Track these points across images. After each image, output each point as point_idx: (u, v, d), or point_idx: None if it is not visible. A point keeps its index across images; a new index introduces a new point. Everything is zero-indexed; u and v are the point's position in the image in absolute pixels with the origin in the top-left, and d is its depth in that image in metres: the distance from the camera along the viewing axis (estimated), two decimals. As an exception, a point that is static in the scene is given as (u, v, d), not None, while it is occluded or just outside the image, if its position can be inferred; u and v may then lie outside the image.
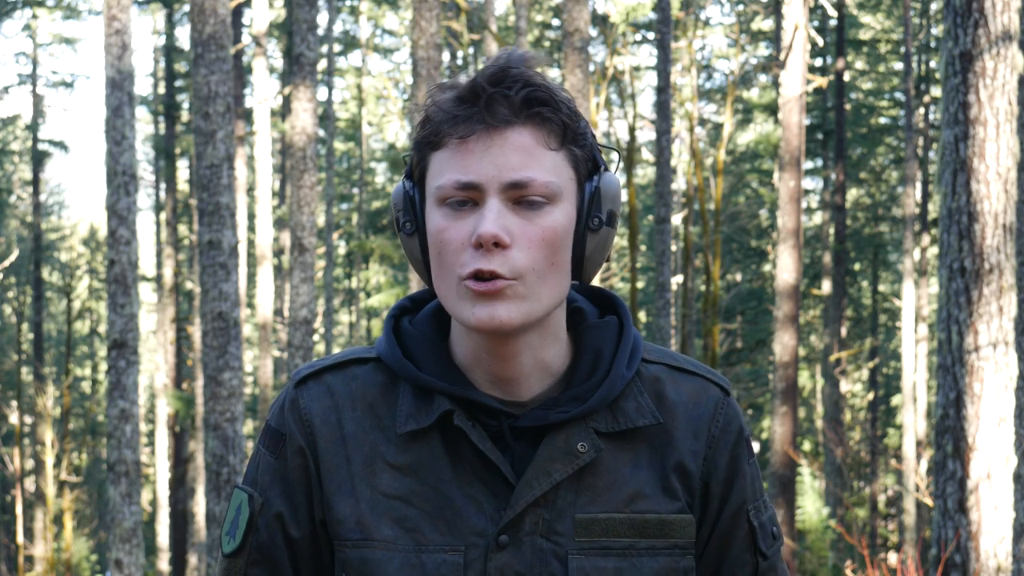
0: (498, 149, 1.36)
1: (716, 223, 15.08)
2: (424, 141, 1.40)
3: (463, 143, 1.36)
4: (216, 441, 8.70)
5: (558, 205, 1.37)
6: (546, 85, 1.38)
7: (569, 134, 1.39)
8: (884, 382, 27.08)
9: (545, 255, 1.36)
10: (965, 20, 5.57)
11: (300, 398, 1.48)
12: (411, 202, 1.43)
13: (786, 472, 13.61)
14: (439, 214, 1.38)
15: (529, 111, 1.36)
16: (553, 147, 1.38)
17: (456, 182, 1.36)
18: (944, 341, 5.64)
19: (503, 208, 1.35)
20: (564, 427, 1.42)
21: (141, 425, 20.11)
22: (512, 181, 1.35)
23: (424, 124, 1.40)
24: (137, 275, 9.62)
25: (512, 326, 1.36)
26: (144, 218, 40.26)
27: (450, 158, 1.37)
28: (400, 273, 20.75)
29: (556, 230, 1.37)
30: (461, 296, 1.37)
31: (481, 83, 1.36)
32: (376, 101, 27.64)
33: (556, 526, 1.41)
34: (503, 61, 1.38)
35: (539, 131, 1.37)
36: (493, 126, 1.36)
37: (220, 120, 8.69)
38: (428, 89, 1.42)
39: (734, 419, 1.49)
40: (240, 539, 1.47)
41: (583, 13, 10.56)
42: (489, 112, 1.36)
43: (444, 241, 1.37)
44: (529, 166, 1.36)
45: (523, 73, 1.37)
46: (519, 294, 1.36)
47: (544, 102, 1.37)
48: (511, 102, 1.36)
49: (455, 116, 1.37)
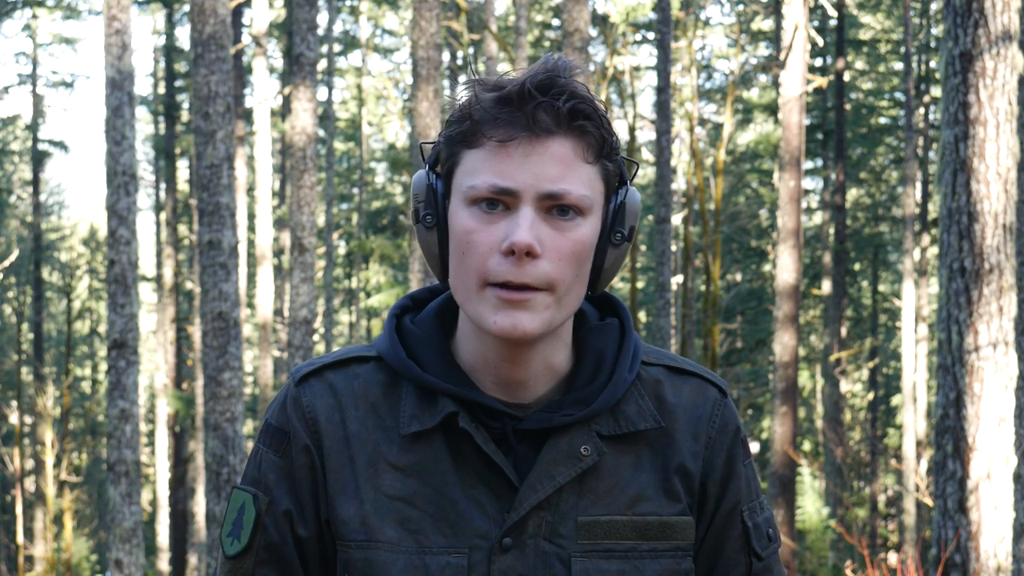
0: (538, 157, 1.35)
1: (716, 223, 15.08)
2: (459, 137, 1.38)
3: (502, 147, 1.35)
4: (216, 441, 8.70)
5: (588, 218, 1.37)
6: (590, 98, 1.37)
7: (605, 149, 1.39)
8: (884, 382, 27.08)
9: (573, 267, 1.36)
10: (965, 20, 5.57)
11: (302, 396, 1.46)
12: (434, 194, 1.42)
13: (786, 472, 13.61)
14: (467, 214, 1.37)
15: (573, 123, 1.36)
16: (590, 160, 1.37)
17: (492, 186, 1.35)
18: (944, 341, 5.64)
19: (536, 217, 1.35)
20: (567, 430, 1.42)
21: (141, 425, 20.11)
22: (549, 192, 1.35)
23: (462, 120, 1.38)
24: (137, 275, 9.62)
25: (533, 335, 1.36)
26: (144, 218, 40.30)
27: (487, 159, 1.36)
28: (400, 273, 20.75)
29: (585, 243, 1.37)
30: (484, 300, 1.36)
31: (530, 88, 1.35)
32: (376, 101, 27.64)
33: (559, 529, 1.41)
34: (551, 68, 1.37)
35: (579, 143, 1.36)
36: (536, 134, 1.35)
37: (220, 120, 8.69)
38: (467, 82, 1.39)
39: (731, 420, 1.50)
40: (246, 540, 1.45)
41: (583, 13, 10.56)
42: (534, 119, 1.34)
43: (472, 243, 1.36)
44: (566, 178, 1.35)
45: (570, 83, 1.36)
46: (545, 304, 1.36)
47: (587, 115, 1.36)
48: (557, 112, 1.35)
49: (497, 118, 1.35)
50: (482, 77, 1.39)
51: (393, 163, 20.28)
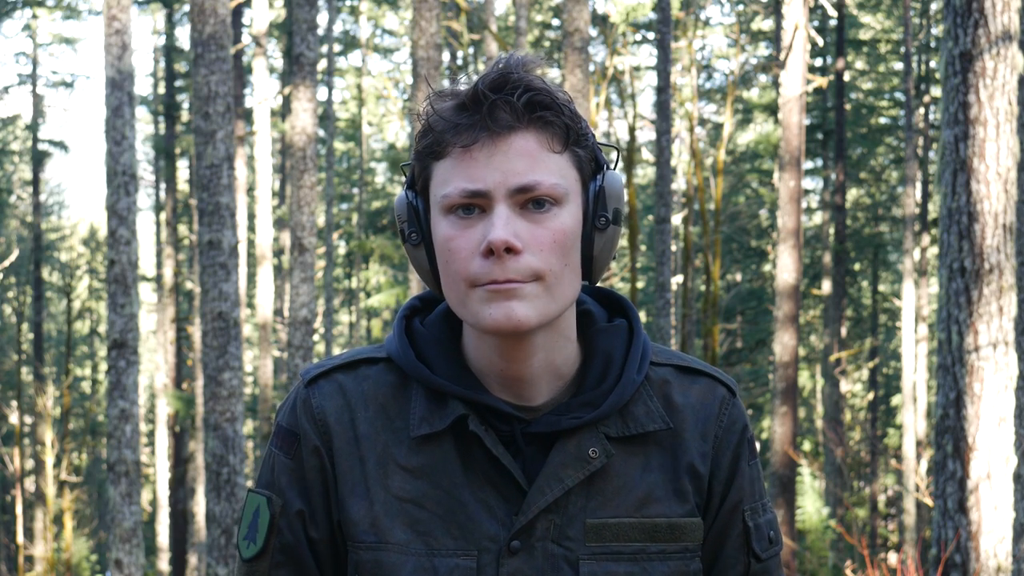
0: (502, 155, 1.35)
1: (716, 223, 15.07)
2: (426, 151, 1.39)
3: (467, 151, 1.36)
4: (216, 441, 8.70)
5: (565, 207, 1.37)
6: (547, 88, 1.37)
7: (572, 136, 1.39)
8: (884, 382, 27.07)
9: (558, 257, 1.36)
10: (965, 20, 5.57)
11: (312, 397, 1.47)
12: (415, 212, 1.43)
13: (786, 472, 13.61)
14: (446, 223, 1.37)
15: (532, 115, 1.36)
16: (557, 150, 1.37)
17: (463, 191, 1.35)
18: (944, 341, 5.64)
19: (511, 214, 1.35)
20: (576, 432, 1.42)
21: (141, 425, 20.11)
22: (519, 185, 1.35)
23: (425, 134, 1.39)
24: (137, 275, 9.62)
25: (529, 325, 1.36)
26: (144, 218, 40.33)
27: (454, 167, 1.36)
28: (400, 273, 20.75)
29: (565, 232, 1.37)
30: (474, 301, 1.36)
31: (482, 90, 1.36)
32: (376, 101, 27.63)
33: (567, 531, 1.41)
34: (503, 66, 1.38)
35: (542, 135, 1.37)
36: (496, 132, 1.35)
37: (220, 120, 8.69)
38: (426, 96, 1.41)
39: (738, 419, 1.50)
40: (262, 542, 1.46)
41: (583, 13, 10.56)
42: (492, 119, 1.35)
43: (452, 250, 1.36)
44: (535, 170, 1.35)
45: (524, 77, 1.37)
46: (536, 293, 1.36)
47: (546, 106, 1.37)
48: (513, 108, 1.35)
49: (457, 125, 1.36)
50: (440, 88, 1.40)
51: (393, 163, 20.28)
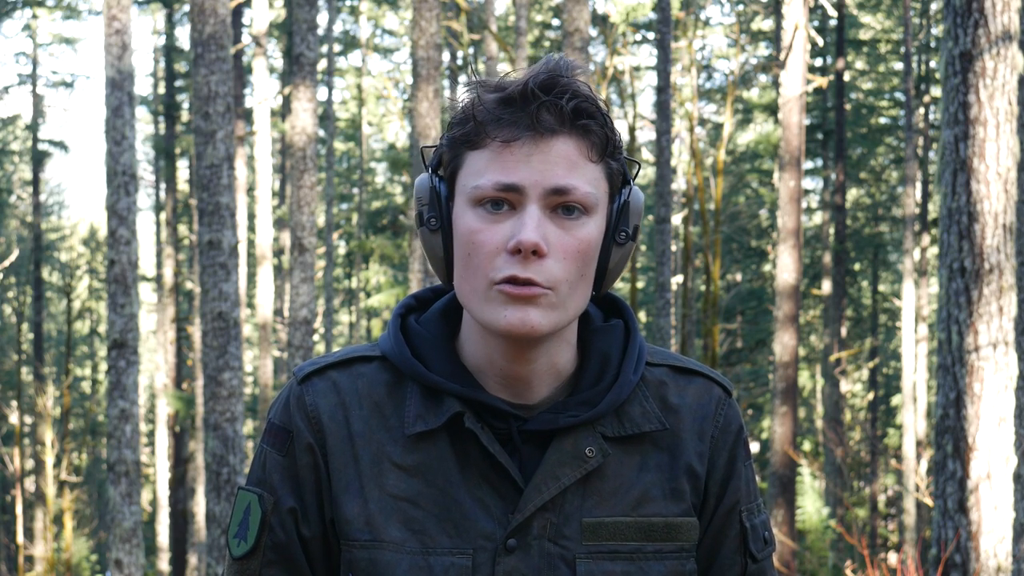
0: (542, 156, 1.34)
1: (716, 223, 15.07)
2: (462, 139, 1.38)
3: (506, 146, 1.35)
4: (216, 441, 8.70)
5: (592, 217, 1.37)
6: (593, 97, 1.37)
7: (609, 147, 1.39)
8: (884, 382, 27.07)
9: (578, 267, 1.36)
10: (965, 20, 5.57)
11: (305, 395, 1.46)
12: (437, 197, 1.41)
13: (786, 472, 13.61)
14: (473, 215, 1.36)
15: (576, 122, 1.35)
16: (594, 159, 1.37)
17: (497, 183, 1.34)
18: (944, 341, 5.64)
19: (542, 216, 1.34)
20: (572, 431, 1.42)
21: (141, 425, 20.10)
22: (555, 187, 1.34)
23: (464, 121, 1.38)
24: (137, 275, 9.62)
25: (542, 332, 1.35)
26: (144, 218, 40.30)
27: (491, 159, 1.35)
28: (400, 273, 20.75)
29: (590, 242, 1.37)
30: (491, 299, 1.35)
31: (533, 88, 1.35)
32: (376, 101, 27.63)
33: (564, 530, 1.41)
34: (552, 67, 1.37)
35: (583, 142, 1.36)
36: (540, 133, 1.34)
37: (220, 120, 8.69)
38: (469, 83, 1.39)
39: (734, 419, 1.50)
40: (253, 540, 1.45)
41: (583, 13, 10.56)
42: (538, 119, 1.34)
43: (477, 243, 1.35)
44: (572, 175, 1.35)
45: (572, 83, 1.36)
46: (551, 303, 1.35)
47: (591, 114, 1.36)
48: (560, 111, 1.35)
49: (500, 118, 1.35)
50: (484, 79, 1.39)
51: (393, 163, 20.27)
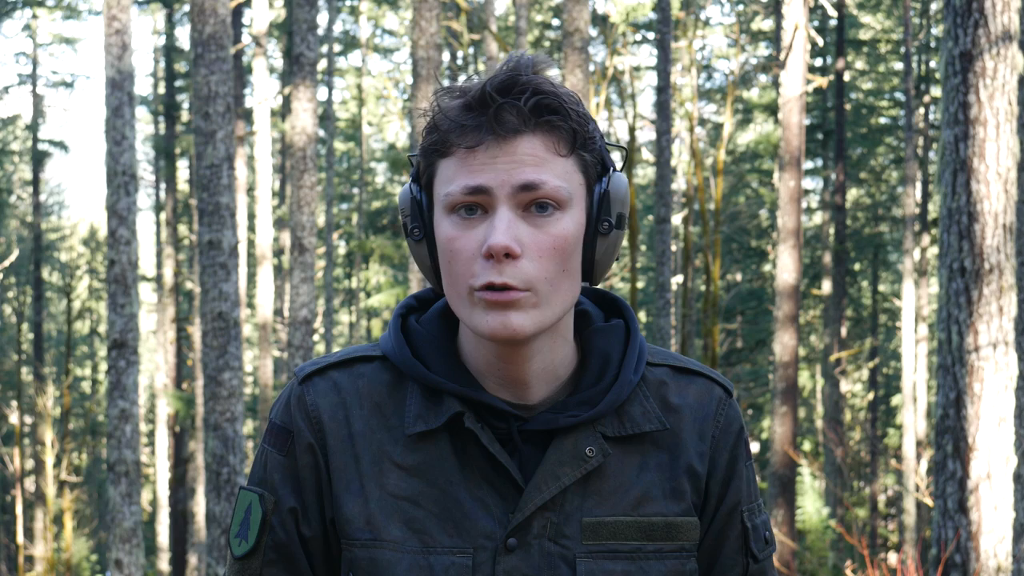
0: (507, 157, 1.34)
1: (716, 223, 15.06)
2: (431, 148, 1.39)
3: (471, 152, 1.35)
4: (216, 441, 8.70)
5: (567, 212, 1.37)
6: (555, 92, 1.36)
7: (579, 140, 1.38)
8: (884, 382, 27.06)
9: (556, 263, 1.36)
10: (965, 20, 5.57)
11: (306, 394, 1.46)
12: (419, 207, 1.42)
13: (786, 472, 13.61)
14: (448, 222, 1.37)
15: (538, 119, 1.35)
16: (563, 153, 1.37)
17: (465, 187, 1.34)
18: (944, 341, 5.64)
19: (513, 217, 1.34)
20: (572, 431, 1.42)
21: (141, 425, 20.11)
22: (523, 182, 1.34)
23: (431, 131, 1.38)
24: (137, 275, 9.62)
25: (525, 334, 1.35)
26: (144, 218, 40.33)
27: (458, 166, 1.36)
28: (400, 273, 20.75)
29: (567, 238, 1.36)
30: (474, 305, 1.36)
31: (490, 92, 1.34)
32: (376, 101, 27.63)
33: (564, 529, 1.41)
34: (512, 67, 1.37)
35: (549, 138, 1.36)
36: (502, 136, 1.34)
37: (220, 120, 8.69)
38: (434, 92, 1.40)
39: (734, 420, 1.50)
40: (254, 540, 1.45)
41: (583, 13, 10.55)
42: (498, 122, 1.34)
43: (455, 251, 1.36)
44: (540, 171, 1.35)
45: (532, 80, 1.36)
46: (532, 303, 1.35)
47: (554, 110, 1.36)
48: (520, 111, 1.34)
49: (462, 125, 1.35)
50: (449, 85, 1.39)
51: (393, 163, 20.27)
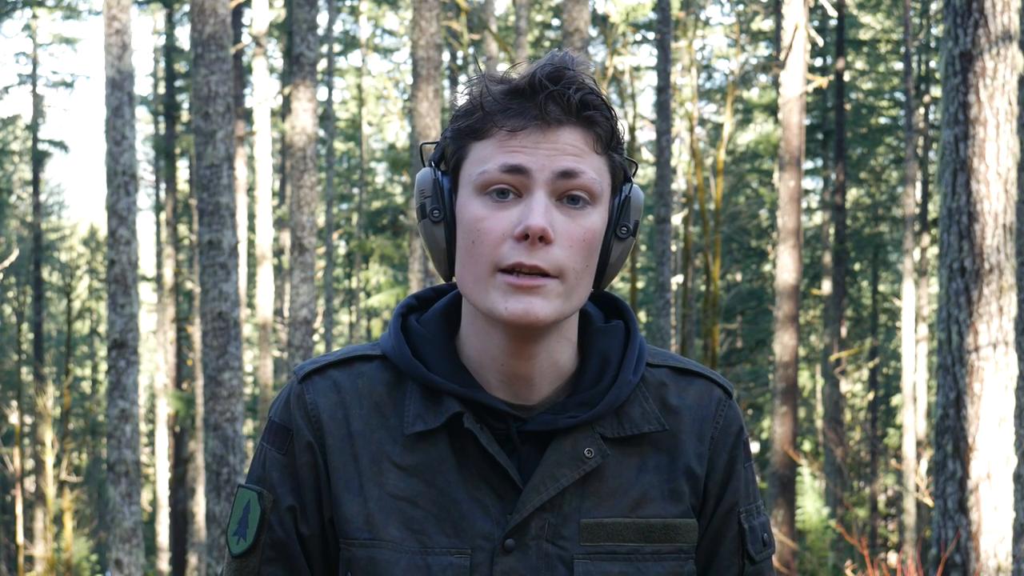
0: (549, 144, 1.36)
1: (716, 223, 15.06)
2: (468, 129, 1.39)
3: (512, 135, 1.36)
4: (216, 441, 8.70)
5: (597, 208, 1.38)
6: (598, 90, 1.39)
7: (613, 140, 1.40)
8: (884, 382, 27.06)
9: (583, 256, 1.37)
10: (965, 20, 5.57)
11: (305, 393, 1.46)
12: (440, 189, 1.42)
13: (786, 472, 13.60)
14: (478, 203, 1.37)
15: (582, 113, 1.37)
16: (599, 151, 1.39)
17: (504, 164, 1.35)
18: (944, 341, 5.64)
19: (548, 203, 1.35)
20: (571, 432, 1.42)
21: (141, 425, 20.10)
22: (564, 169, 1.35)
23: (470, 112, 1.39)
24: (137, 275, 9.62)
25: (546, 322, 1.36)
26: (144, 218, 40.33)
27: (497, 147, 1.36)
28: (400, 273, 20.74)
29: (595, 232, 1.38)
30: (494, 288, 1.36)
31: (540, 79, 1.36)
32: (376, 101, 27.64)
33: (562, 531, 1.41)
34: (559, 61, 1.38)
35: (588, 134, 1.38)
36: (546, 123, 1.36)
37: (220, 120, 8.69)
38: (475, 77, 1.41)
39: (734, 421, 1.50)
40: (252, 538, 1.45)
41: (583, 13, 10.55)
42: (544, 109, 1.36)
43: (482, 231, 1.36)
44: (579, 162, 1.37)
45: (578, 75, 1.38)
46: (556, 292, 1.36)
47: (596, 106, 1.38)
48: (567, 102, 1.36)
49: (508, 108, 1.36)
50: (489, 73, 1.40)
51: (393, 163, 20.27)
